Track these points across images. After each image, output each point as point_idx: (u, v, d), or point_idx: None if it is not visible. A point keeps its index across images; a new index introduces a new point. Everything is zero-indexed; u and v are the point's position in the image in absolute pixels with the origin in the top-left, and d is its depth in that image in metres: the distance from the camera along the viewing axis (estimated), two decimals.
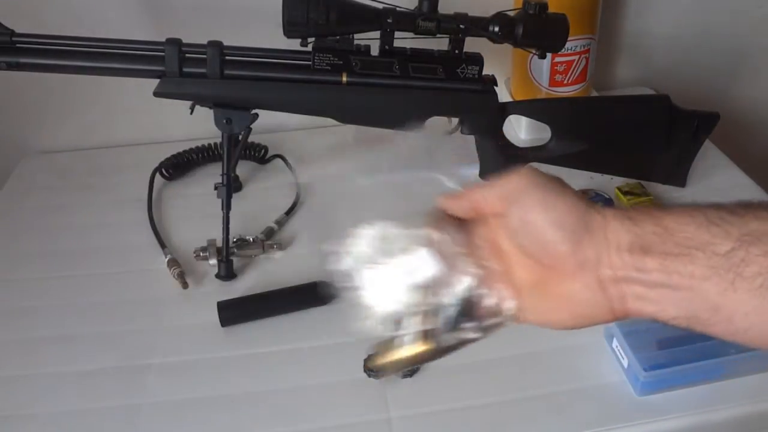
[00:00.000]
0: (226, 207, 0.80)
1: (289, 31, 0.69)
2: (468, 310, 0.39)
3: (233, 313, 0.75)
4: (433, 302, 0.38)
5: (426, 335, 0.38)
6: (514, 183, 0.40)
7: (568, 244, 0.37)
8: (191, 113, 0.77)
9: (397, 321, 0.41)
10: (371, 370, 0.48)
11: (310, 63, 0.74)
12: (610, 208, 0.38)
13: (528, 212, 0.38)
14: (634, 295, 0.36)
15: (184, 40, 0.73)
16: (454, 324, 0.39)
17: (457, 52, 0.75)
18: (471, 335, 0.37)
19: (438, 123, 0.81)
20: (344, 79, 0.75)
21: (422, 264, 0.39)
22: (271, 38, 0.73)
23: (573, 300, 0.38)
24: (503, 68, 1.03)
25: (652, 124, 0.84)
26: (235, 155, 0.80)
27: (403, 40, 0.74)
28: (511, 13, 0.74)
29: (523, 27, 0.73)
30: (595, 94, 1.08)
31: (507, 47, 0.76)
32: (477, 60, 0.76)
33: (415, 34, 0.73)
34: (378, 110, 0.78)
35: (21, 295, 0.81)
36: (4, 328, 0.77)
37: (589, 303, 0.37)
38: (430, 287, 0.38)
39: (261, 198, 0.95)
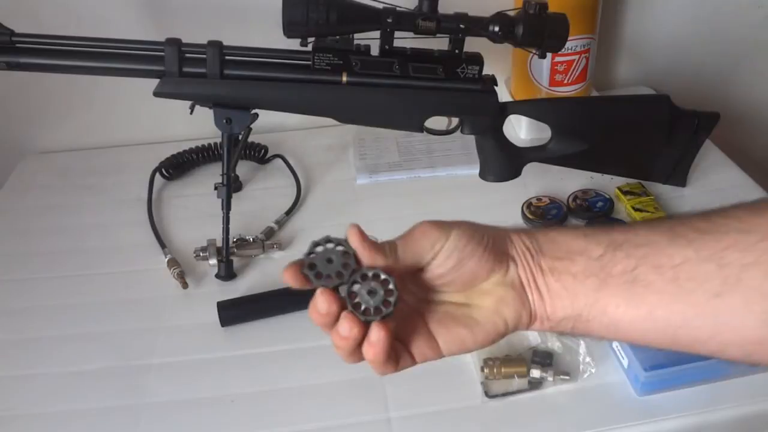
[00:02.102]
0: (226, 207, 0.80)
1: (289, 31, 0.69)
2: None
3: (233, 313, 0.75)
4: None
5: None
6: (421, 246, 0.46)
7: (494, 252, 0.44)
8: (191, 113, 0.77)
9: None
10: None
11: (310, 63, 0.74)
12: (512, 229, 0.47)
13: (458, 250, 0.44)
14: (537, 293, 0.43)
15: (184, 40, 0.73)
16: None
17: (457, 51, 0.75)
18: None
19: (438, 123, 0.81)
20: (344, 79, 0.75)
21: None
22: (271, 38, 0.73)
23: (503, 298, 0.43)
24: (503, 68, 1.03)
25: (652, 124, 0.84)
26: (235, 155, 0.80)
27: (403, 40, 0.74)
28: (511, 13, 0.74)
29: (523, 27, 0.73)
30: (595, 94, 1.08)
31: (507, 47, 0.76)
32: (477, 60, 0.76)
33: (415, 34, 0.73)
34: (378, 110, 0.78)
35: (21, 295, 0.81)
36: (4, 328, 0.77)
37: (511, 299, 0.43)
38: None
39: (261, 198, 0.95)
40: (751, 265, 0.36)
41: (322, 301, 0.40)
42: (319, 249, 0.42)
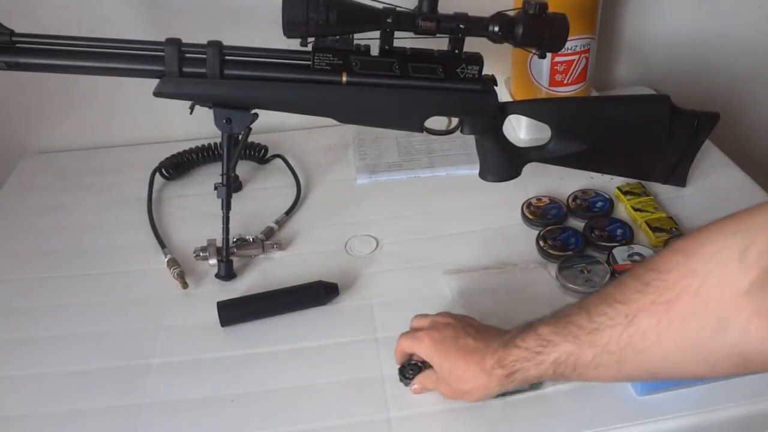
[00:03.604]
0: (226, 207, 0.80)
1: (288, 31, 0.69)
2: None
3: (233, 313, 0.75)
4: None
5: None
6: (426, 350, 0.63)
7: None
8: (191, 113, 0.77)
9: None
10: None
11: (309, 63, 0.74)
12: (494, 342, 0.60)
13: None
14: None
15: (184, 40, 0.73)
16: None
17: (457, 52, 0.75)
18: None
19: (438, 123, 0.81)
20: (344, 79, 0.75)
21: None
22: (271, 38, 0.73)
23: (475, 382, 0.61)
24: (503, 68, 1.03)
25: (652, 124, 0.84)
26: (235, 155, 0.80)
27: (403, 40, 0.74)
28: (511, 13, 0.74)
29: (523, 27, 0.73)
30: (595, 94, 1.08)
31: (507, 47, 0.76)
32: (477, 60, 0.76)
33: (415, 34, 0.73)
34: (378, 110, 0.78)
35: (21, 295, 0.81)
36: (4, 328, 0.77)
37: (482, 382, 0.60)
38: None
39: (261, 198, 0.95)
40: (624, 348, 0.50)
41: None
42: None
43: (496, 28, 0.73)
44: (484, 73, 0.77)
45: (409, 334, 0.66)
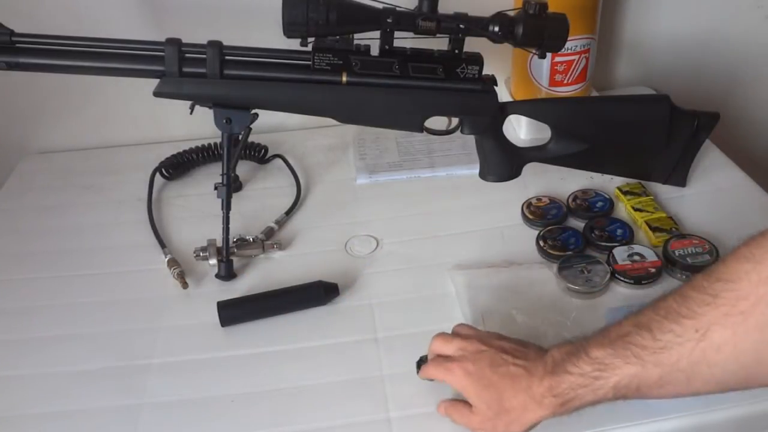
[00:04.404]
0: (226, 207, 0.80)
1: (289, 31, 0.69)
2: None
3: (233, 313, 0.75)
4: None
5: None
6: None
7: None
8: (191, 113, 0.77)
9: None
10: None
11: (309, 63, 0.74)
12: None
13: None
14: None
15: (184, 40, 0.73)
16: None
17: (457, 52, 0.75)
18: None
19: (438, 123, 0.81)
20: (344, 79, 0.75)
21: None
22: (271, 38, 0.73)
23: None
24: (503, 68, 1.03)
25: (652, 124, 0.84)
26: (235, 155, 0.80)
27: (403, 40, 0.74)
28: (511, 13, 0.74)
29: (523, 27, 0.73)
30: (595, 94, 1.08)
31: (507, 47, 0.76)
32: (477, 60, 0.76)
33: (415, 34, 0.73)
34: (378, 110, 0.78)
35: (21, 295, 0.81)
36: (4, 328, 0.77)
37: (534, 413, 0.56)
38: None
39: (261, 198, 0.95)
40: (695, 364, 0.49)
41: None
42: None
43: (496, 28, 0.73)
44: (484, 73, 0.77)
45: (439, 364, 0.61)
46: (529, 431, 0.57)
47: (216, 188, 0.79)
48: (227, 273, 0.80)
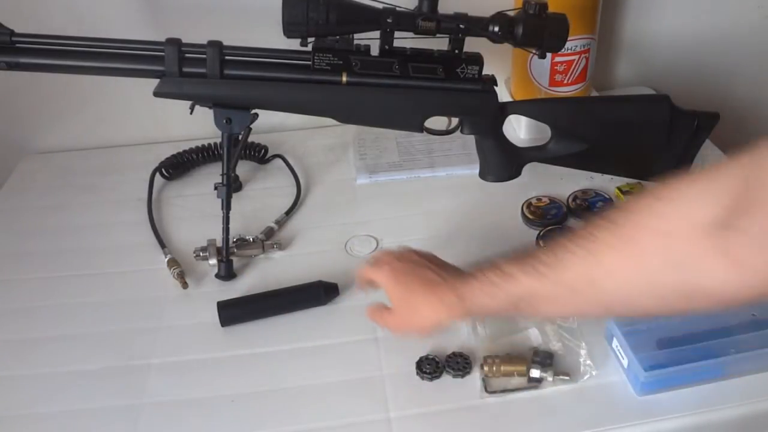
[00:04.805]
0: (226, 207, 0.80)
1: (289, 30, 0.69)
2: None
3: (233, 313, 0.75)
4: None
5: None
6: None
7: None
8: (191, 113, 0.77)
9: None
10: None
11: (309, 63, 0.74)
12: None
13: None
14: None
15: (184, 40, 0.73)
16: None
17: (457, 52, 0.75)
18: None
19: (438, 123, 0.81)
20: (344, 79, 0.75)
21: None
22: (271, 38, 0.73)
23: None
24: (503, 68, 1.03)
25: (652, 124, 0.84)
26: (235, 155, 0.80)
27: (403, 40, 0.74)
28: (511, 13, 0.74)
29: (523, 27, 0.73)
30: (595, 94, 1.08)
31: (507, 47, 0.76)
32: (477, 60, 0.76)
33: (415, 34, 0.73)
34: (378, 110, 0.78)
35: (21, 295, 0.81)
36: (4, 328, 0.77)
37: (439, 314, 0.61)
38: None
39: (261, 198, 0.95)
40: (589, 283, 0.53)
41: None
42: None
43: (496, 28, 0.73)
44: (484, 73, 0.77)
45: (372, 262, 0.67)
46: (431, 333, 0.64)
47: (216, 188, 0.79)
48: (227, 273, 0.80)
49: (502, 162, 0.83)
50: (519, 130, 1.03)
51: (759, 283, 0.46)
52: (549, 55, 0.79)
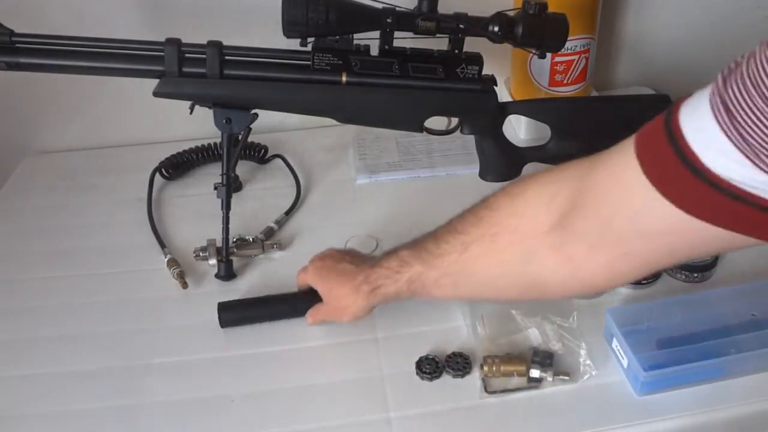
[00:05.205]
0: (226, 207, 0.80)
1: (288, 30, 0.69)
2: None
3: (233, 316, 0.74)
4: None
5: None
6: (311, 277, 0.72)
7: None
8: (191, 113, 0.77)
9: None
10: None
11: (309, 63, 0.74)
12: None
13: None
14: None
15: (184, 40, 0.73)
16: None
17: (456, 52, 0.75)
18: None
19: (438, 123, 0.81)
20: (344, 79, 0.75)
21: None
22: (271, 38, 0.73)
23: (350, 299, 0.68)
24: (503, 68, 1.03)
25: None
26: (235, 155, 0.80)
27: (403, 40, 0.74)
28: (511, 13, 0.74)
29: (523, 27, 0.73)
30: (595, 94, 1.08)
31: (507, 47, 0.76)
32: (477, 60, 0.76)
33: (415, 34, 0.73)
34: (377, 110, 0.78)
35: (21, 295, 0.81)
36: (4, 328, 0.77)
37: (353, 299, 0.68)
38: None
39: (261, 198, 0.95)
40: (462, 270, 0.60)
41: None
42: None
43: (496, 28, 0.73)
44: (484, 73, 0.77)
45: (301, 269, 0.75)
46: (356, 316, 0.69)
47: (216, 188, 0.79)
48: (227, 273, 0.80)
49: (502, 162, 0.83)
50: (519, 130, 1.03)
51: (588, 276, 0.52)
52: (549, 55, 0.79)
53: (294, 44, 0.71)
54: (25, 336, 0.76)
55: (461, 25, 0.73)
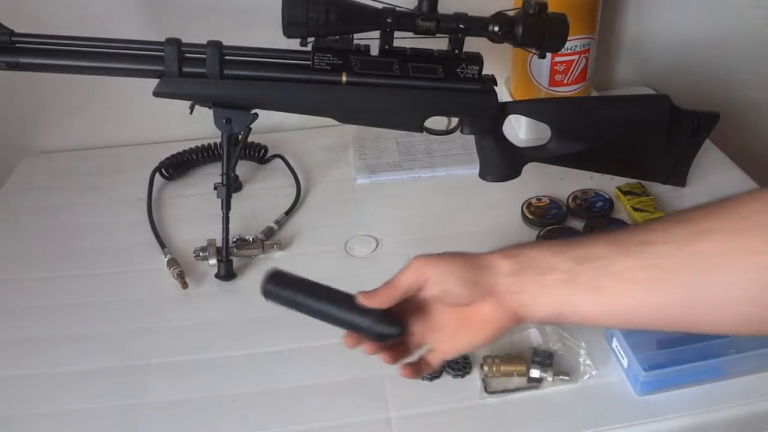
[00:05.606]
0: (226, 207, 0.80)
1: (288, 30, 0.69)
2: None
3: (281, 292, 0.57)
4: None
5: None
6: (417, 271, 0.55)
7: (473, 287, 0.53)
8: (191, 113, 0.77)
9: None
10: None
11: (309, 63, 0.74)
12: (493, 252, 0.54)
13: (439, 284, 0.53)
14: (520, 303, 0.52)
15: (184, 40, 0.73)
16: None
17: (456, 51, 0.75)
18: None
19: (438, 123, 0.81)
20: (344, 79, 0.75)
21: None
22: (271, 38, 0.73)
23: (490, 318, 0.53)
24: (503, 68, 1.03)
25: (652, 124, 0.84)
26: (235, 155, 0.80)
27: (403, 40, 0.74)
28: (511, 13, 0.74)
29: (523, 27, 0.73)
30: (595, 94, 1.08)
31: (507, 47, 0.76)
32: (477, 60, 0.76)
33: (415, 33, 0.73)
34: (377, 110, 0.78)
35: (21, 295, 0.81)
36: (5, 328, 0.77)
37: (499, 315, 0.53)
38: None
39: (261, 198, 0.95)
40: (678, 266, 0.46)
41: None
42: None
43: (496, 28, 0.73)
44: (484, 73, 0.77)
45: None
46: (498, 334, 0.54)
47: (216, 188, 0.79)
48: (227, 273, 0.80)
49: (502, 162, 0.83)
50: (519, 130, 1.03)
51: None
52: (549, 55, 0.79)
53: (294, 44, 0.71)
54: (25, 336, 0.76)
55: (461, 25, 0.73)
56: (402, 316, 0.56)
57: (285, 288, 0.58)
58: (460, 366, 0.67)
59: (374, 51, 0.75)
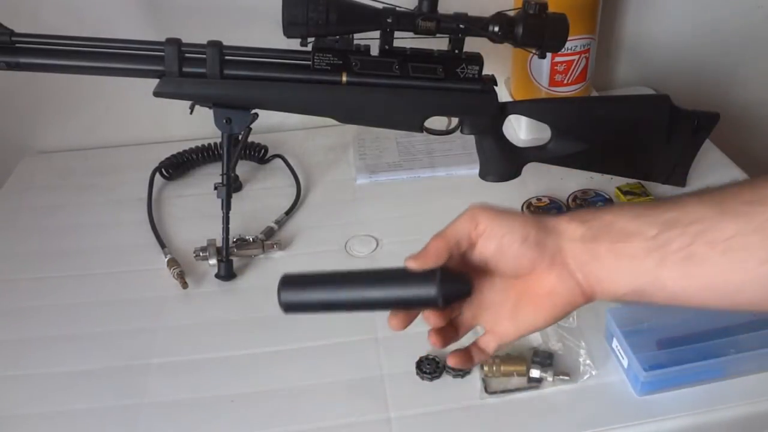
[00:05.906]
0: (226, 207, 0.80)
1: (289, 31, 0.69)
2: None
3: (299, 297, 0.54)
4: None
5: None
6: (472, 221, 0.47)
7: (535, 249, 0.44)
8: (191, 113, 0.77)
9: None
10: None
11: (309, 63, 0.74)
12: (559, 214, 0.47)
13: (495, 239, 0.45)
14: (593, 276, 0.44)
15: (184, 40, 0.73)
16: None
17: (456, 51, 0.75)
18: None
19: (438, 123, 0.81)
20: (344, 79, 0.75)
21: None
22: (271, 38, 0.73)
23: (554, 292, 0.45)
24: (503, 68, 1.03)
25: (652, 124, 0.84)
26: (235, 155, 0.80)
27: (403, 40, 0.74)
28: (511, 13, 0.74)
29: (523, 27, 0.73)
30: (595, 94, 1.08)
31: (507, 47, 0.76)
32: (477, 60, 0.76)
33: (415, 33, 0.73)
34: (378, 110, 0.78)
35: (20, 295, 0.81)
36: (4, 328, 0.77)
37: (566, 290, 0.44)
38: None
39: (261, 198, 0.95)
40: None
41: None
42: None
43: (496, 28, 0.73)
44: (484, 73, 0.77)
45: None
46: (567, 311, 0.46)
47: (216, 188, 0.79)
48: (227, 273, 0.80)
49: (502, 162, 0.84)
50: (519, 130, 1.03)
51: None
52: (549, 55, 0.79)
53: (294, 44, 0.71)
54: (25, 336, 0.76)
55: (461, 25, 0.73)
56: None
57: (307, 291, 0.52)
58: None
59: (374, 51, 0.75)
